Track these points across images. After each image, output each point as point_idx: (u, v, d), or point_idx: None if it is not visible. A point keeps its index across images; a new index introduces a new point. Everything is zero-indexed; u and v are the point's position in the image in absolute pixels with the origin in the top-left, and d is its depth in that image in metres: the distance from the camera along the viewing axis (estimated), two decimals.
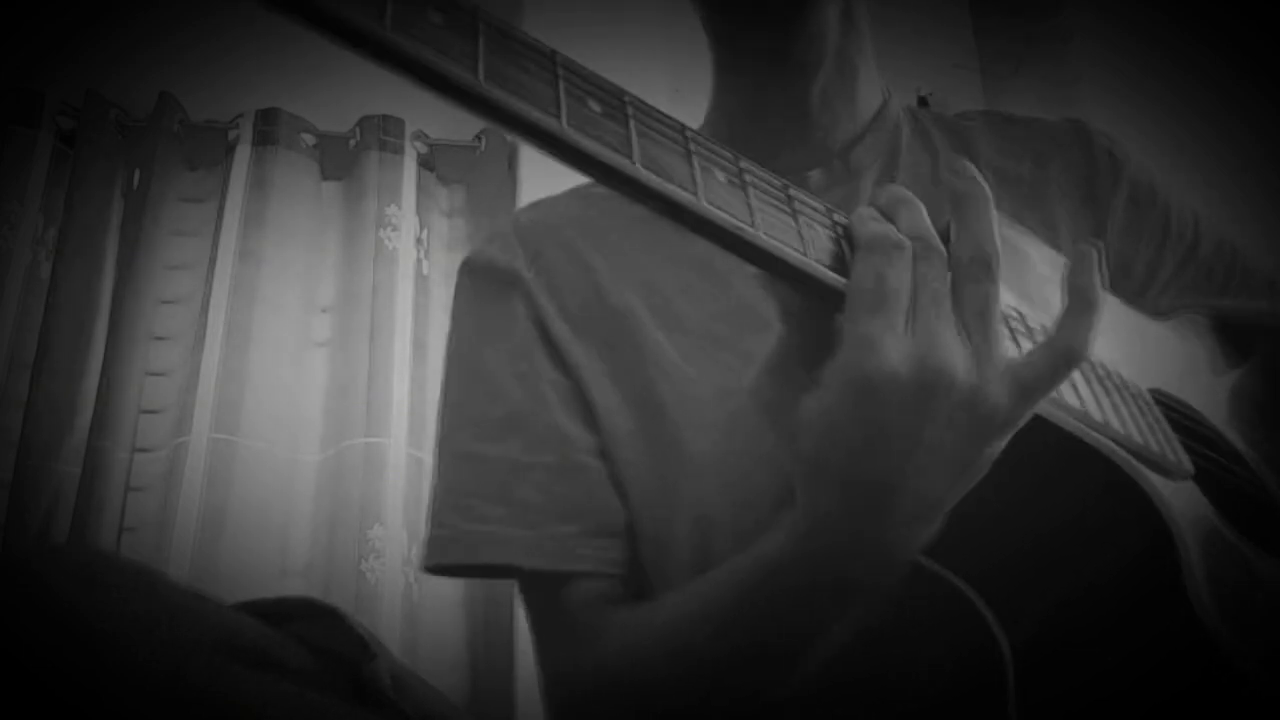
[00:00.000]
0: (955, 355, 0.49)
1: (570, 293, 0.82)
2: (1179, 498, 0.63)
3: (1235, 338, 0.85)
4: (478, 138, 2.22)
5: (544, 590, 0.76)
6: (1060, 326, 0.53)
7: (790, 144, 0.82)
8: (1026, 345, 0.58)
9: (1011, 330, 0.58)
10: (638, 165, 0.43)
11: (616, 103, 0.45)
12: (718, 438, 0.74)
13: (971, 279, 0.51)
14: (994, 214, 0.53)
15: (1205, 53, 1.86)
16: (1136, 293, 0.84)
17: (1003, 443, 0.53)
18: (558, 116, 0.42)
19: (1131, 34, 1.99)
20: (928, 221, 0.52)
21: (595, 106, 0.43)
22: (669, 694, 0.67)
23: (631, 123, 0.44)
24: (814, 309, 0.51)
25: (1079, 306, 0.53)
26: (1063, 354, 0.52)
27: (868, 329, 0.49)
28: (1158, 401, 0.69)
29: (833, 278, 0.49)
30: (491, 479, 0.77)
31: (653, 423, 0.76)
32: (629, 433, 0.77)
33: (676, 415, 0.75)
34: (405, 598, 1.84)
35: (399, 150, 2.14)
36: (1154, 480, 0.59)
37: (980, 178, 0.54)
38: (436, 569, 0.78)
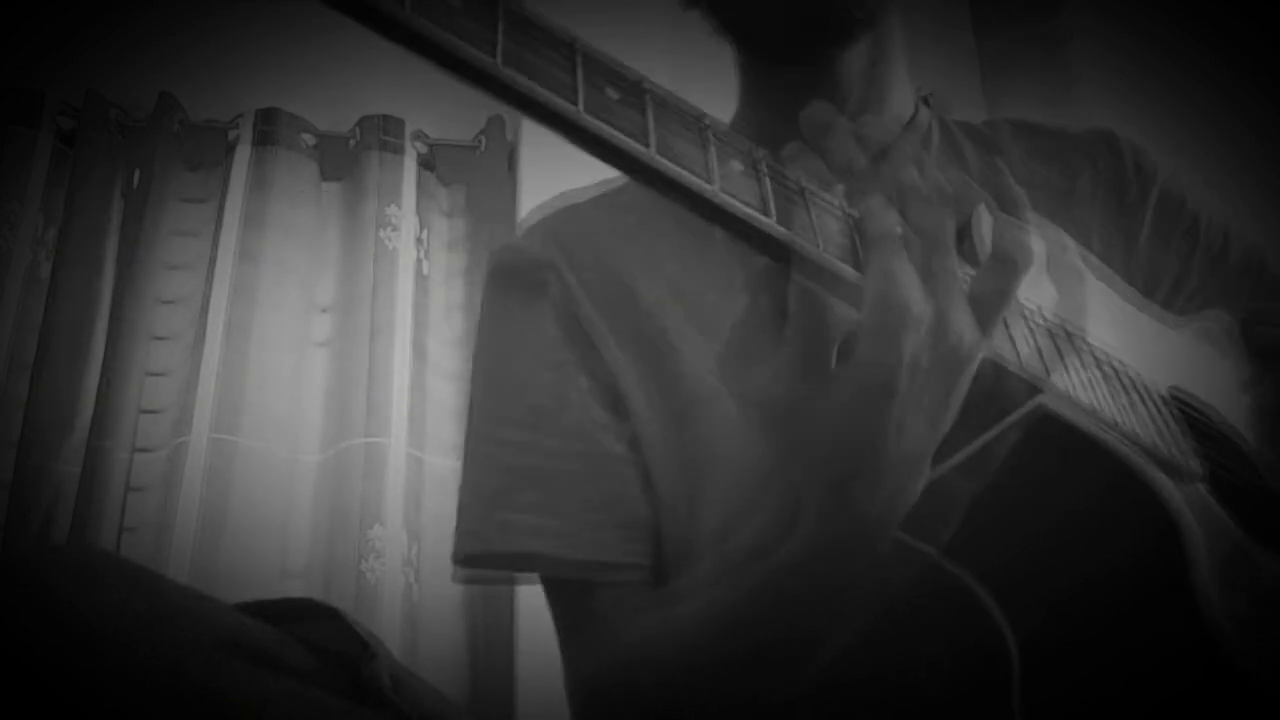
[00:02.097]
0: (912, 290, 0.48)
1: (600, 287, 0.81)
2: (1190, 499, 0.63)
3: (1259, 344, 0.85)
4: (478, 138, 2.22)
5: (572, 590, 0.76)
6: (995, 239, 0.52)
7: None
8: (1046, 342, 0.58)
9: (1031, 327, 0.58)
10: (653, 152, 0.44)
11: (635, 90, 0.45)
12: (737, 442, 0.74)
13: (919, 208, 0.50)
14: (916, 148, 0.52)
15: (1205, 53, 1.86)
16: (1166, 300, 0.84)
17: (970, 375, 0.51)
18: (575, 102, 0.42)
19: (1131, 34, 1.99)
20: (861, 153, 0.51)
21: (613, 93, 0.44)
22: (683, 691, 0.67)
23: (649, 110, 0.45)
24: (780, 275, 0.50)
25: (1005, 208, 0.52)
26: (1008, 261, 0.51)
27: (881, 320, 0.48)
28: (1174, 400, 0.69)
29: (848, 271, 0.49)
30: (522, 468, 0.77)
31: (681, 425, 0.76)
32: (655, 430, 0.77)
33: (704, 419, 0.75)
34: (405, 598, 1.84)
35: (399, 150, 2.14)
36: (1163, 480, 0.59)
37: (880, 121, 0.53)
38: (467, 560, 0.77)
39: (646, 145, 0.44)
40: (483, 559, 0.77)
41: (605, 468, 0.76)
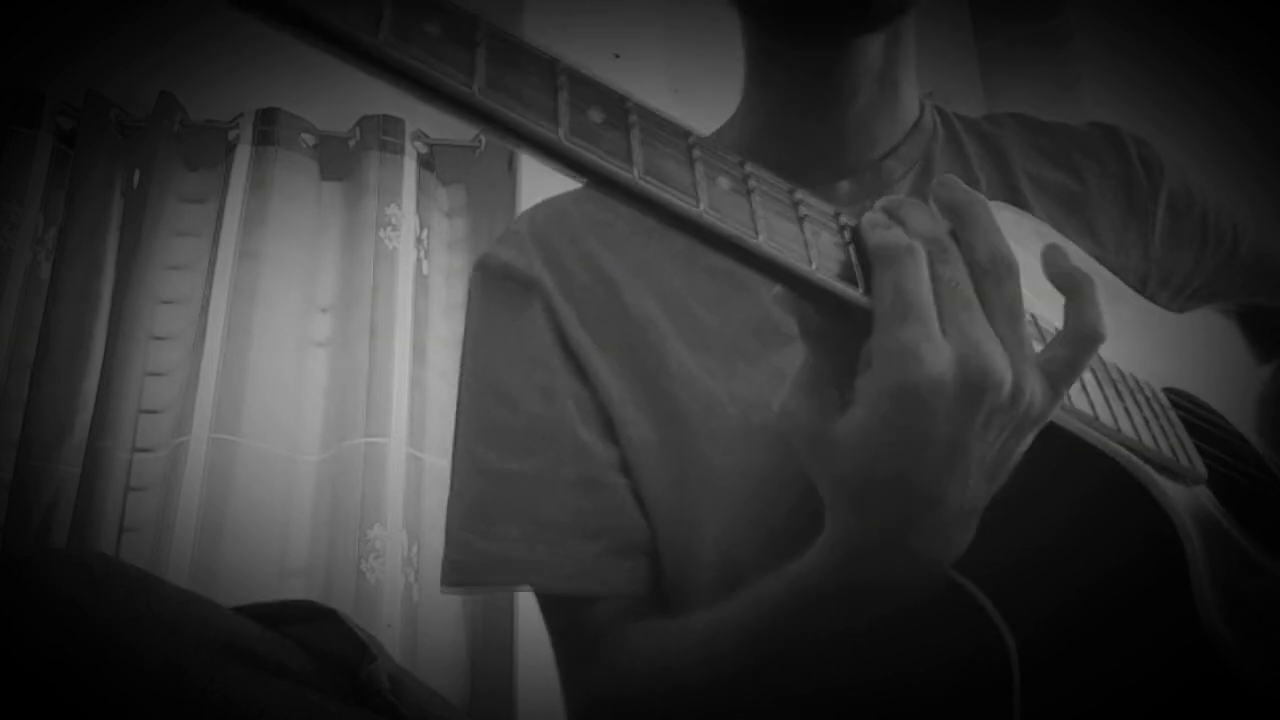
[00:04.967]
0: (995, 356, 0.49)
1: (588, 299, 0.80)
2: (1189, 502, 0.62)
3: (1263, 334, 0.85)
4: (478, 138, 2.22)
5: (567, 608, 0.75)
6: (1070, 314, 0.53)
7: (822, 159, 0.80)
8: (1039, 348, 0.58)
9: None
10: (637, 176, 0.43)
11: (619, 110, 0.44)
12: (739, 455, 0.72)
13: (995, 279, 0.51)
14: (993, 216, 0.52)
15: (1205, 53, 1.86)
16: (1174, 297, 0.84)
17: (1032, 438, 0.53)
18: (556, 127, 0.41)
19: (1131, 34, 1.99)
20: (938, 220, 0.52)
21: (596, 115, 0.43)
22: (701, 700, 0.66)
23: (633, 131, 0.44)
24: (834, 325, 0.51)
25: (1075, 289, 0.53)
26: (1083, 340, 0.52)
27: (903, 340, 0.48)
28: (1174, 403, 0.69)
29: (838, 287, 0.48)
30: (511, 495, 0.75)
31: (673, 437, 0.75)
32: (649, 446, 0.75)
33: (698, 430, 0.74)
34: (405, 598, 1.84)
35: (399, 150, 2.14)
36: (1163, 484, 0.59)
37: (965, 186, 0.53)
38: (457, 589, 0.77)
39: (631, 169, 0.43)
40: (472, 588, 0.77)
41: (596, 493, 0.75)
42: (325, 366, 2.02)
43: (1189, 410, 0.71)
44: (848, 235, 0.51)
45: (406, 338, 2.01)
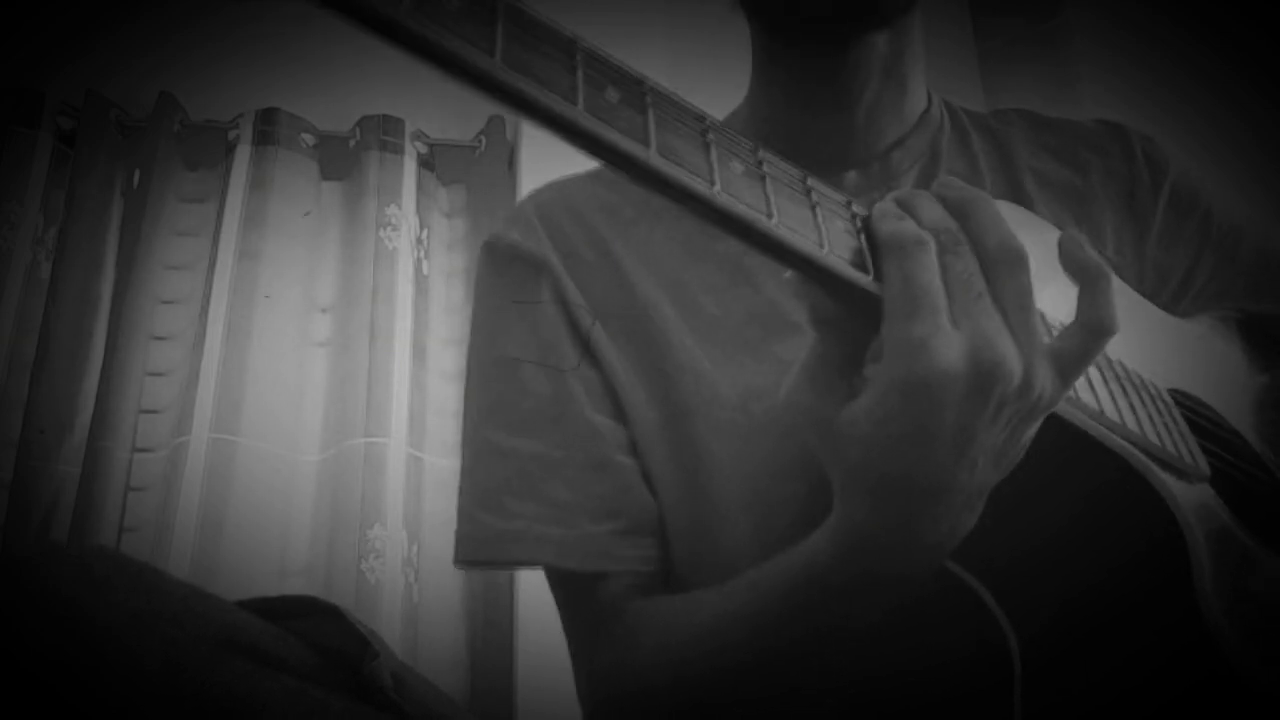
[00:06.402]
0: (1007, 349, 0.49)
1: (595, 281, 0.80)
2: (1193, 499, 0.62)
3: (1265, 340, 0.85)
4: (478, 138, 2.22)
5: (577, 586, 0.76)
6: (1082, 305, 0.53)
7: (829, 150, 0.80)
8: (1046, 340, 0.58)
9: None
10: (653, 154, 0.43)
11: (635, 90, 0.44)
12: (740, 444, 0.73)
13: (1006, 269, 0.51)
14: (998, 210, 0.52)
15: (1205, 53, 1.86)
16: (1173, 298, 0.84)
17: (1038, 425, 0.53)
18: (574, 103, 0.41)
19: (1131, 34, 1.99)
20: (947, 213, 0.52)
21: (613, 94, 0.43)
22: (705, 692, 0.66)
23: (650, 111, 0.44)
24: (844, 313, 0.51)
25: (1089, 281, 0.53)
26: (1093, 330, 0.52)
27: (913, 332, 0.48)
28: (1177, 402, 0.69)
29: (850, 272, 0.49)
30: (522, 475, 0.76)
31: (677, 424, 0.75)
32: (654, 432, 0.76)
33: (699, 419, 0.74)
34: (405, 598, 1.84)
35: (399, 150, 2.14)
36: (1167, 481, 0.59)
37: (963, 184, 0.53)
38: (468, 565, 0.77)
39: (647, 147, 0.43)
40: (484, 565, 0.77)
41: (606, 473, 0.75)
42: (325, 366, 2.02)
43: (1191, 410, 0.71)
44: (859, 224, 0.51)
45: (406, 338, 2.01)
